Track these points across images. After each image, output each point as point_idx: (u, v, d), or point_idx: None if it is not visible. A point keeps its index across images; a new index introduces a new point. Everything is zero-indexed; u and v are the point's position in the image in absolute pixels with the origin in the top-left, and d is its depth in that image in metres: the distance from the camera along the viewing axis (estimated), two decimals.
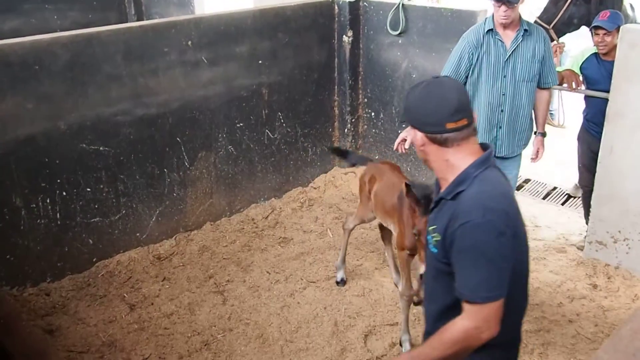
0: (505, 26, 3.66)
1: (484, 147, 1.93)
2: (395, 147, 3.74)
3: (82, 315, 3.82)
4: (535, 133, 3.99)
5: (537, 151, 4.00)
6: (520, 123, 3.82)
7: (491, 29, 3.69)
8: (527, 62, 3.68)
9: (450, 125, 1.83)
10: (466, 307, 1.79)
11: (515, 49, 3.67)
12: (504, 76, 3.70)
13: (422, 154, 1.95)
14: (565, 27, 4.95)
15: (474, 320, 1.78)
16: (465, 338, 1.80)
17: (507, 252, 1.76)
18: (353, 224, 4.12)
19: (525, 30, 3.67)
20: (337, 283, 4.13)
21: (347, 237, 4.15)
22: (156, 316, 3.84)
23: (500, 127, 3.80)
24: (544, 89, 3.86)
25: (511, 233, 1.78)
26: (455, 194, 1.85)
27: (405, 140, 3.66)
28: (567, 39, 6.23)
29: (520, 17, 3.69)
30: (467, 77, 3.77)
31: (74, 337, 3.64)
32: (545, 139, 4.03)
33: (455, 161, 1.88)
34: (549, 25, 4.92)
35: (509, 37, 3.69)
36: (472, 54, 3.70)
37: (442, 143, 1.87)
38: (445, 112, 1.83)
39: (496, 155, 3.78)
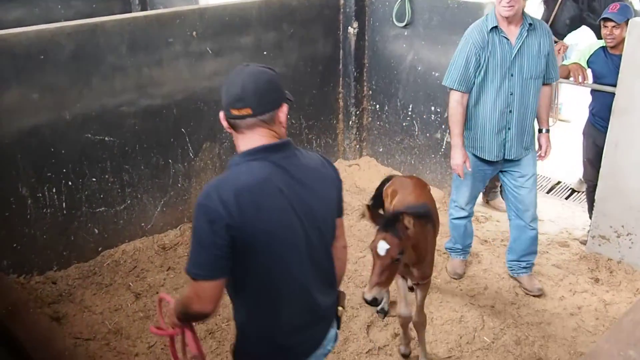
0: (509, 20, 3.46)
1: (281, 142, 1.93)
2: (462, 176, 3.75)
3: (88, 303, 3.87)
4: (540, 130, 3.87)
5: (545, 149, 3.85)
6: (528, 123, 3.70)
7: (495, 26, 3.48)
8: (534, 58, 3.52)
9: (233, 112, 1.88)
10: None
11: (521, 45, 3.49)
12: (511, 75, 3.52)
13: None
14: (561, 29, 4.93)
15: (189, 291, 1.90)
16: (183, 303, 1.95)
17: (216, 240, 1.77)
18: None
19: (530, 24, 3.50)
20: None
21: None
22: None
23: (509, 129, 3.65)
24: (546, 84, 3.73)
25: (232, 225, 1.77)
26: None
27: (464, 162, 3.74)
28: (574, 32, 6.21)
29: (523, 11, 3.53)
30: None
31: (80, 324, 3.69)
32: (549, 134, 3.93)
33: (240, 147, 1.93)
34: None
35: (513, 33, 3.50)
36: (479, 55, 3.50)
37: (233, 127, 1.93)
38: (230, 99, 1.88)
39: (506, 158, 3.73)
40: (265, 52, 4.79)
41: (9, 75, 3.59)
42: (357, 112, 5.65)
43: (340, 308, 2.21)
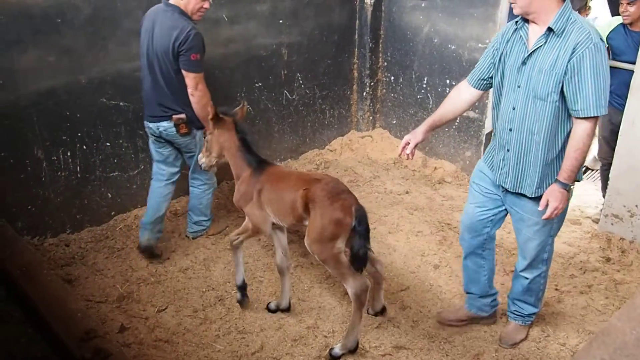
0: (530, 18, 2.69)
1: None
2: (399, 153, 3.10)
3: (100, 266, 3.92)
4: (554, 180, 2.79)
5: (545, 203, 2.73)
6: (528, 154, 2.82)
7: (526, 20, 2.73)
8: (544, 72, 2.65)
9: None
10: None
11: (534, 51, 2.68)
12: (518, 86, 2.76)
13: None
14: None
15: None
16: None
17: None
18: None
19: (550, 29, 2.61)
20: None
21: None
22: (172, 270, 3.93)
23: (508, 150, 2.88)
24: (577, 118, 2.66)
25: None
26: None
27: (409, 143, 3.06)
28: (593, 6, 6.11)
29: (563, 10, 2.60)
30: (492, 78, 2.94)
31: (92, 287, 3.74)
32: (570, 193, 2.80)
33: None
34: None
35: (535, 34, 2.70)
36: (497, 49, 2.84)
37: None
38: None
39: (500, 184, 3.01)
40: (280, 21, 4.74)
41: (26, 38, 3.58)
42: (372, 84, 5.60)
43: None
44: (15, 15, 3.52)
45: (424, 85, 5.24)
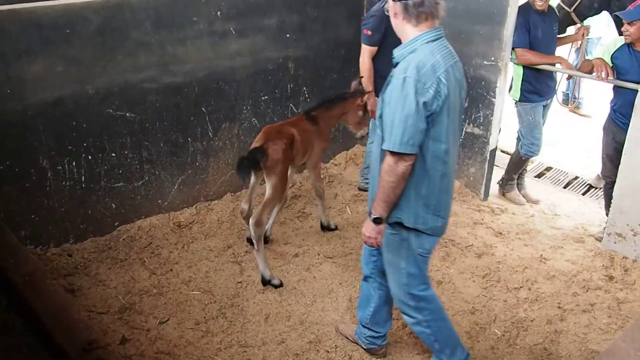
0: None
1: None
2: None
3: (103, 277, 3.91)
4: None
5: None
6: (373, 181, 2.82)
7: None
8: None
9: None
10: None
11: None
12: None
13: None
14: (586, 10, 4.94)
15: None
16: None
17: None
18: None
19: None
20: None
21: None
22: (175, 282, 3.92)
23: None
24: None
25: None
26: None
27: None
28: (598, 26, 6.15)
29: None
30: None
31: (94, 297, 3.73)
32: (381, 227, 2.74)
33: None
34: (571, 8, 4.87)
35: None
36: None
37: None
38: None
39: None
40: (288, 35, 4.77)
41: (35, 47, 3.60)
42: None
43: None
44: (25, 26, 3.55)
45: None
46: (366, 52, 4.47)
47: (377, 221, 2.68)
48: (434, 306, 2.99)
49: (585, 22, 5.06)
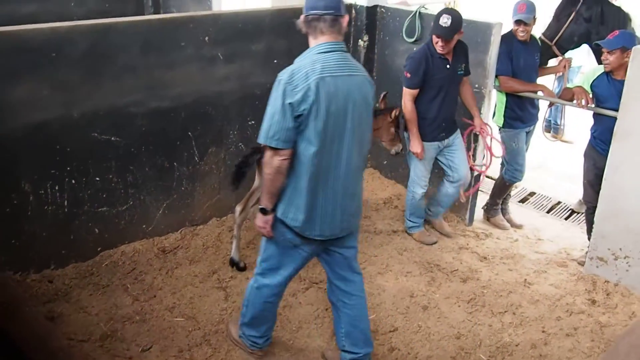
0: None
1: None
2: None
3: (84, 303, 3.84)
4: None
5: None
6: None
7: None
8: None
9: None
10: None
11: None
12: None
13: None
14: (567, 43, 5.08)
15: None
16: None
17: None
18: None
19: None
20: None
21: None
22: (158, 308, 3.86)
23: None
24: None
25: None
26: None
27: None
28: (578, 55, 6.30)
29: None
30: None
31: (75, 325, 3.65)
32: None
33: None
34: (552, 42, 5.00)
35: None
36: None
37: None
38: None
39: None
40: (275, 60, 4.80)
41: (21, 70, 3.59)
42: None
43: None
44: (11, 48, 3.53)
45: None
46: (407, 95, 4.39)
47: (263, 211, 2.96)
48: (263, 293, 3.20)
49: (567, 55, 5.18)
